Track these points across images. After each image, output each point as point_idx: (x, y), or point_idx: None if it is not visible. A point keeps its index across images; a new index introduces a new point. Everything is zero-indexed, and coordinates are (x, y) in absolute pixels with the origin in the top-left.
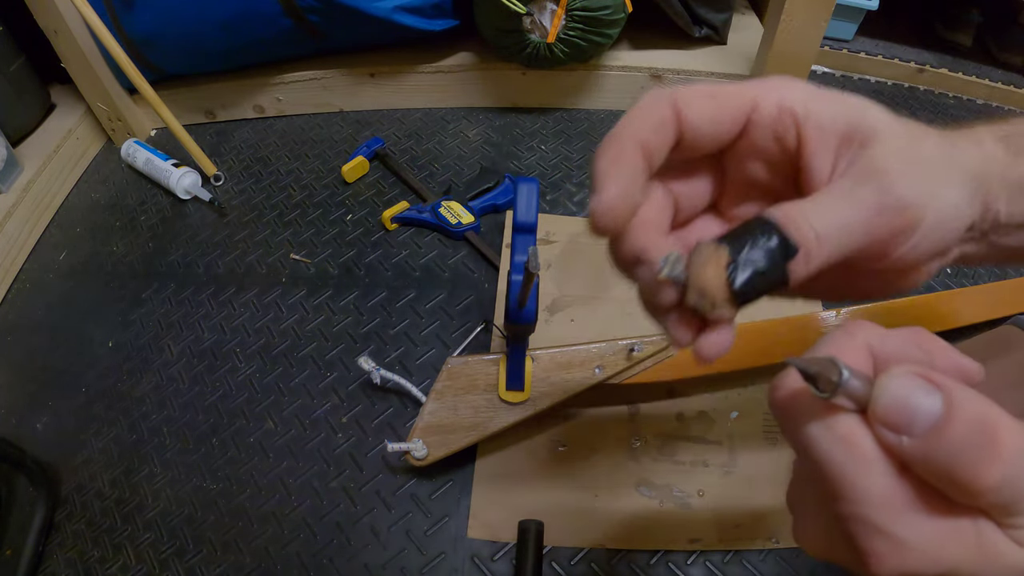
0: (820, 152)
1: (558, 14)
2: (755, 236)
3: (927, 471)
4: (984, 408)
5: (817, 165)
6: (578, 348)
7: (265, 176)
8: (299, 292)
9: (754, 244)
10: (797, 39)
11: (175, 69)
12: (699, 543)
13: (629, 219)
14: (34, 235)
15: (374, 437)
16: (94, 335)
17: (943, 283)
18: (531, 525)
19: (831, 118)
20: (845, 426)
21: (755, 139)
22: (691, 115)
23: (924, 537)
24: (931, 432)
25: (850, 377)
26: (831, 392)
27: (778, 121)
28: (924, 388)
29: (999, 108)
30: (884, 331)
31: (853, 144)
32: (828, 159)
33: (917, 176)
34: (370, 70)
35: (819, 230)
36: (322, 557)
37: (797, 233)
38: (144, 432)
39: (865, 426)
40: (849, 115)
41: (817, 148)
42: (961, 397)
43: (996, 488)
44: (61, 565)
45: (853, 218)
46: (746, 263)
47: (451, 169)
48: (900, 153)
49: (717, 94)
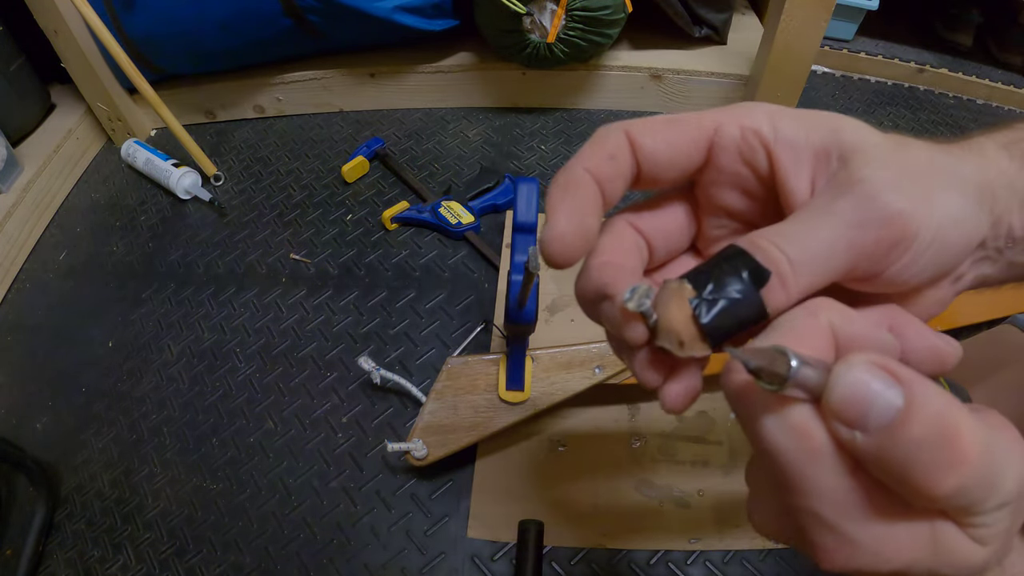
0: (795, 172)
1: (558, 14)
2: (722, 267)
3: (881, 471)
4: (946, 407)
5: (794, 186)
6: (578, 348)
7: (265, 176)
8: (299, 292)
9: (722, 275)
10: (797, 39)
11: (175, 69)
12: (699, 543)
13: (583, 249)
14: (34, 235)
15: (374, 437)
16: (94, 335)
17: None
18: (531, 525)
19: (803, 134)
20: (798, 417)
21: (723, 165)
22: (646, 142)
23: (875, 537)
24: (886, 430)
25: (800, 367)
26: (779, 385)
27: (743, 142)
28: (883, 381)
29: (999, 108)
30: (850, 312)
31: (831, 159)
32: (805, 178)
33: (905, 182)
34: (370, 70)
35: (792, 253)
36: (322, 557)
37: (765, 258)
38: (144, 432)
39: (819, 418)
40: (823, 129)
41: (791, 167)
42: (922, 393)
43: (953, 495)
44: (61, 565)
45: (832, 235)
46: (713, 297)
47: (451, 169)
48: (883, 160)
49: (674, 120)
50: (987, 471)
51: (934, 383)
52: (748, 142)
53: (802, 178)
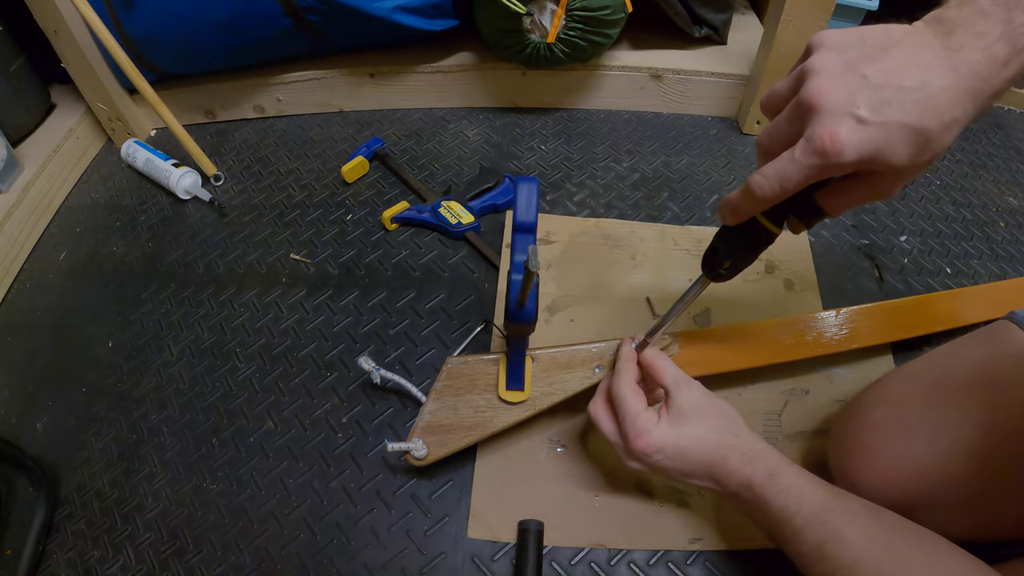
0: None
1: (558, 14)
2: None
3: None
4: (654, 355)
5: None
6: (578, 348)
7: (265, 176)
8: (299, 292)
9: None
10: (797, 39)
11: (175, 69)
12: (699, 543)
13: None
14: (34, 235)
15: (374, 437)
16: (94, 335)
17: (943, 283)
18: (531, 525)
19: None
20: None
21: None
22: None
23: (653, 426)
24: (645, 359)
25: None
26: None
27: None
28: (653, 352)
29: (998, 108)
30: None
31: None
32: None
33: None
34: (370, 70)
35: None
36: (322, 557)
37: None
38: (144, 432)
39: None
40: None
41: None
42: (652, 353)
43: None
44: (61, 565)
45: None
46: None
47: (451, 169)
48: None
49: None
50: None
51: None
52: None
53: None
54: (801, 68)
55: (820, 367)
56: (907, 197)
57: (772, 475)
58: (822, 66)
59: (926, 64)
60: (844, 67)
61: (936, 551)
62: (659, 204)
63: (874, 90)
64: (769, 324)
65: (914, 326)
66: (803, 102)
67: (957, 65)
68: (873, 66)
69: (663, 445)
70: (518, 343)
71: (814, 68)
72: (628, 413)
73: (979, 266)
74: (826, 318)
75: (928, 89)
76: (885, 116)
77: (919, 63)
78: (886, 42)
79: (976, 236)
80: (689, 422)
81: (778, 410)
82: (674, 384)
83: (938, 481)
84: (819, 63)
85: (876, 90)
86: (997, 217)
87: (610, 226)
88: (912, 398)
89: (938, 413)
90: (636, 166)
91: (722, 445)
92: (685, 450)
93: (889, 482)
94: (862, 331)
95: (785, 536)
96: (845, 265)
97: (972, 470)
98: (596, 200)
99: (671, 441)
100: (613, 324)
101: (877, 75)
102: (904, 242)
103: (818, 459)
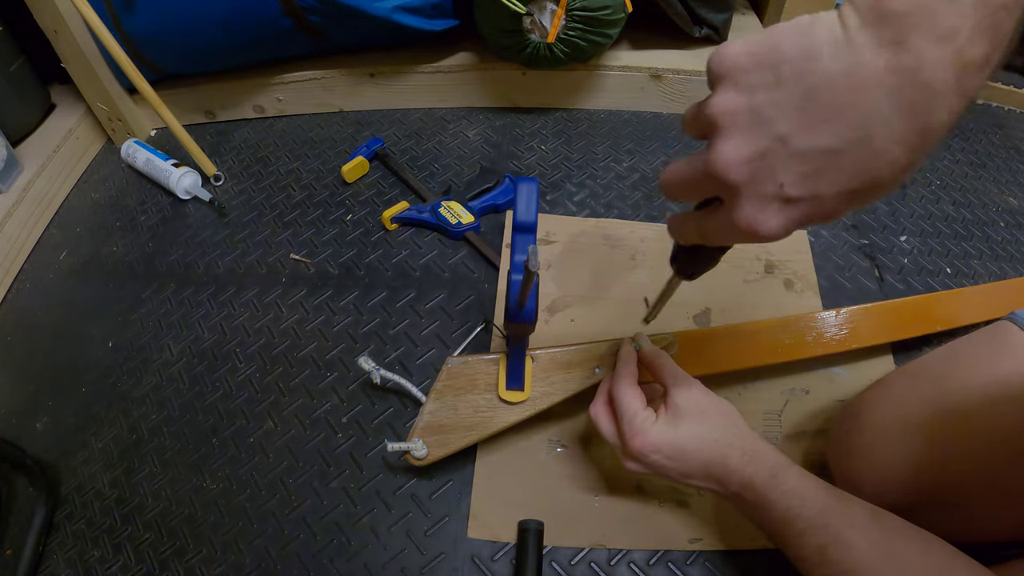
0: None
1: (558, 14)
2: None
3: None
4: (652, 350)
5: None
6: (578, 348)
7: (265, 176)
8: (299, 292)
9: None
10: None
11: (175, 69)
12: (699, 543)
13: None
14: (34, 235)
15: (374, 437)
16: (94, 335)
17: (943, 283)
18: (531, 525)
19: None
20: (629, 375)
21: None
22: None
23: (650, 425)
24: (645, 356)
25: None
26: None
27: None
28: (648, 344)
29: (999, 108)
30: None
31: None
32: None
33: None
34: (370, 70)
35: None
36: (322, 557)
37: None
38: (144, 432)
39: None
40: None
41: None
42: (650, 349)
43: (664, 378)
44: (61, 565)
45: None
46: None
47: (451, 169)
48: None
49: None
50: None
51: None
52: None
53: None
54: (704, 113)
55: (820, 367)
56: (907, 197)
57: (774, 475)
58: (728, 122)
59: (868, 105)
60: (755, 122)
61: (939, 560)
62: (659, 204)
63: (800, 159)
64: (769, 324)
65: (914, 326)
66: (714, 174)
67: (914, 99)
68: (793, 119)
69: (660, 445)
70: (518, 343)
71: (719, 124)
72: (626, 413)
73: (979, 266)
74: (826, 318)
75: (872, 144)
76: (817, 189)
77: (857, 104)
78: (806, 66)
79: (976, 236)
80: (687, 421)
81: (778, 410)
82: (673, 382)
83: (938, 482)
84: (724, 116)
85: (802, 159)
86: (997, 217)
87: (610, 226)
88: (912, 399)
89: (938, 414)
90: (636, 166)
91: (722, 444)
92: (684, 449)
93: (889, 483)
94: (862, 331)
95: (787, 538)
96: (845, 265)
97: (972, 471)
98: (596, 200)
99: (668, 440)
100: (613, 324)
101: (800, 136)
102: (904, 242)
103: (818, 459)
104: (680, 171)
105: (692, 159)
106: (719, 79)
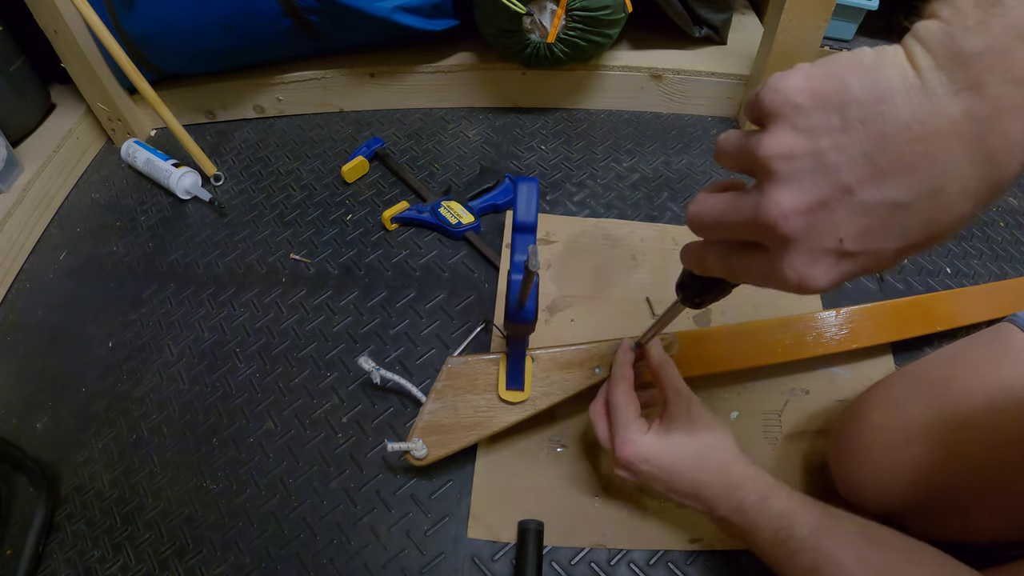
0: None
1: (558, 14)
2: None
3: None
4: (656, 352)
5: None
6: (578, 348)
7: (265, 176)
8: (299, 292)
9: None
10: (797, 39)
11: (175, 69)
12: (699, 543)
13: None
14: (34, 235)
15: (374, 437)
16: (94, 335)
17: (943, 283)
18: (531, 525)
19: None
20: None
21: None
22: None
23: (640, 436)
24: (651, 360)
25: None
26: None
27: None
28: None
29: None
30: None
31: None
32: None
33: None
34: (370, 70)
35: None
36: (322, 557)
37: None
38: (144, 432)
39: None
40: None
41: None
42: (656, 351)
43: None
44: (61, 565)
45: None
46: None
47: (451, 169)
48: None
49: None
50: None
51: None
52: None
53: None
54: (753, 153)
55: (820, 367)
56: None
57: (763, 499)
58: (785, 167)
59: (943, 155)
60: (817, 169)
61: (930, 571)
62: (659, 204)
63: (864, 212)
64: (769, 324)
65: (914, 326)
66: (765, 223)
67: (993, 150)
68: (860, 168)
69: (648, 456)
70: (518, 343)
71: (773, 168)
72: (619, 421)
73: (979, 266)
74: (826, 318)
75: (942, 198)
76: (878, 244)
77: (931, 154)
78: (877, 110)
79: (976, 236)
80: (678, 436)
81: (778, 410)
82: (674, 396)
83: (938, 484)
84: (780, 159)
85: (867, 212)
86: (997, 217)
87: (610, 226)
88: (913, 401)
89: (938, 416)
90: (636, 166)
91: (710, 467)
92: (670, 465)
93: (889, 485)
94: (862, 331)
95: (779, 560)
96: None
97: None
98: (596, 200)
99: (655, 453)
100: (613, 324)
101: (867, 187)
102: None
103: (818, 459)
104: (719, 209)
105: (735, 199)
106: (773, 117)
